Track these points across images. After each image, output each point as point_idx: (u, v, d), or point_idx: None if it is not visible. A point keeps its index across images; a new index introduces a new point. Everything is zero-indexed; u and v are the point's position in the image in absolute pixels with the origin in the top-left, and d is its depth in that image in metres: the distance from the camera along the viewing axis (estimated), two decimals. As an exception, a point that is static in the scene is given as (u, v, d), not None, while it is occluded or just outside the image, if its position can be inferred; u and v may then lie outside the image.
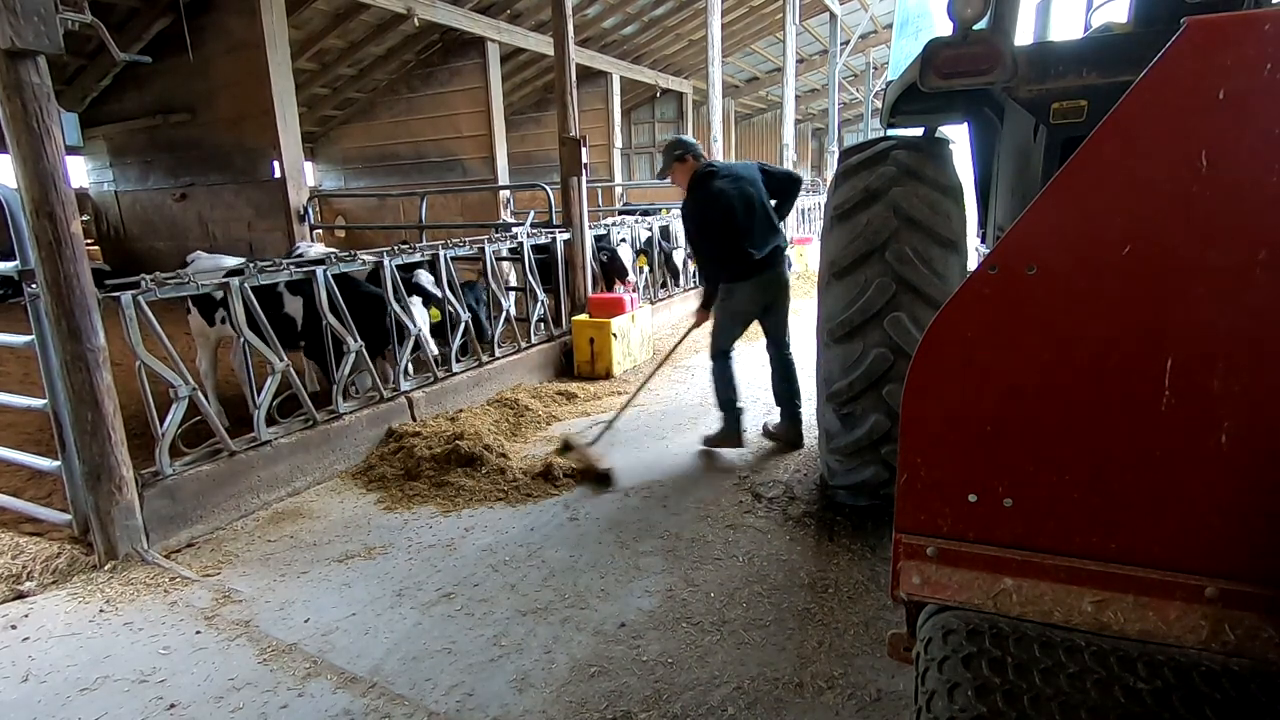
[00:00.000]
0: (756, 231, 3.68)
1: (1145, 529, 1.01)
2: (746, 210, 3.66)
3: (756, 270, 3.70)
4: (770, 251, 3.72)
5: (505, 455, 3.84)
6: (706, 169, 3.74)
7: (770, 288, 3.81)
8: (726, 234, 3.67)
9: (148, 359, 3.00)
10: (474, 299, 4.84)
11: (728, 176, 3.70)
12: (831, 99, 14.71)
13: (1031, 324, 1.02)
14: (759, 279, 3.74)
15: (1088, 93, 2.21)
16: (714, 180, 3.68)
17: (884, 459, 2.64)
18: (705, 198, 3.67)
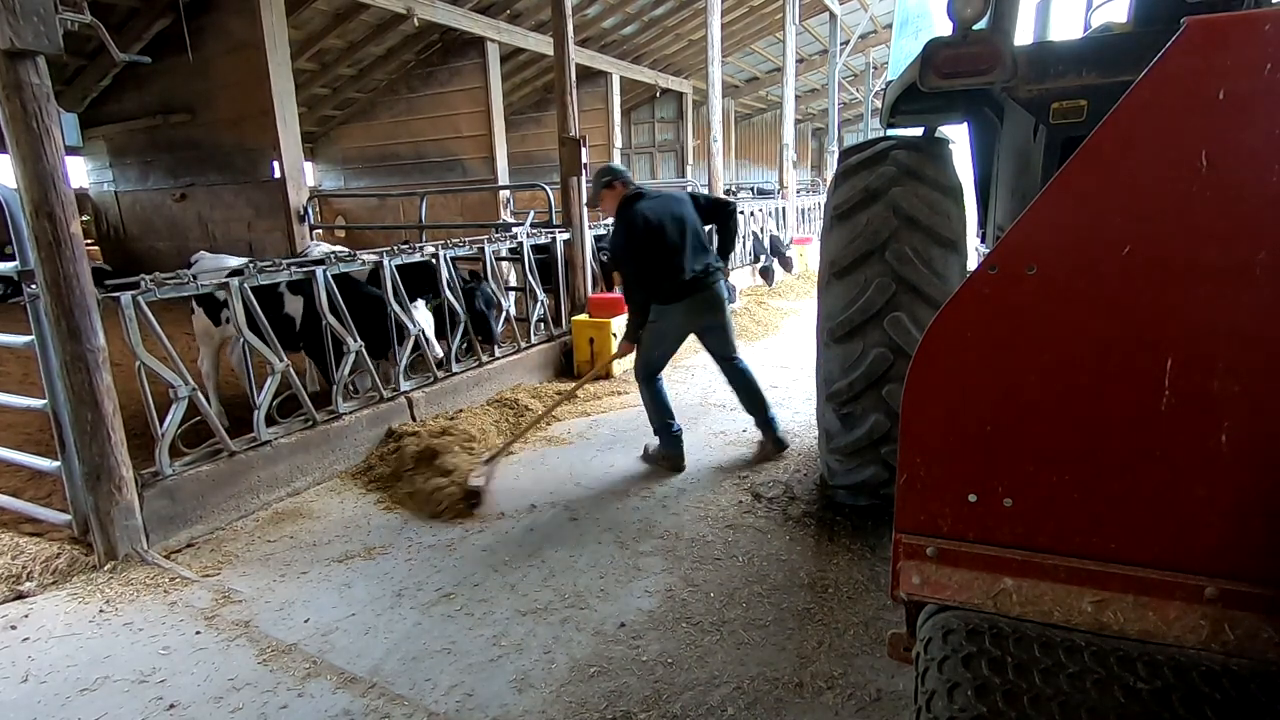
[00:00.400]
0: (687, 250, 3.61)
1: (1145, 529, 1.01)
2: (677, 229, 3.60)
3: (688, 291, 3.60)
4: (702, 270, 3.63)
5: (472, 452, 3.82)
6: (634, 193, 3.70)
7: (704, 307, 3.69)
8: (656, 254, 3.58)
9: (147, 359, 3.00)
10: (484, 302, 4.80)
11: (656, 199, 3.67)
12: (831, 99, 14.71)
13: (1031, 324, 1.02)
14: (691, 300, 3.63)
15: (1087, 93, 2.21)
16: (641, 202, 3.63)
17: (884, 459, 2.64)
18: (633, 218, 3.59)
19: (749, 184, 18.27)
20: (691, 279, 3.60)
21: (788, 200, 11.90)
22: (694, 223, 3.67)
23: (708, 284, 3.67)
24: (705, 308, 3.69)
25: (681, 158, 17.06)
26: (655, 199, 3.67)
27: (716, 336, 3.83)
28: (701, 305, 3.67)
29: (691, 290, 3.61)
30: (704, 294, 3.66)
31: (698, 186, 10.32)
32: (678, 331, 3.74)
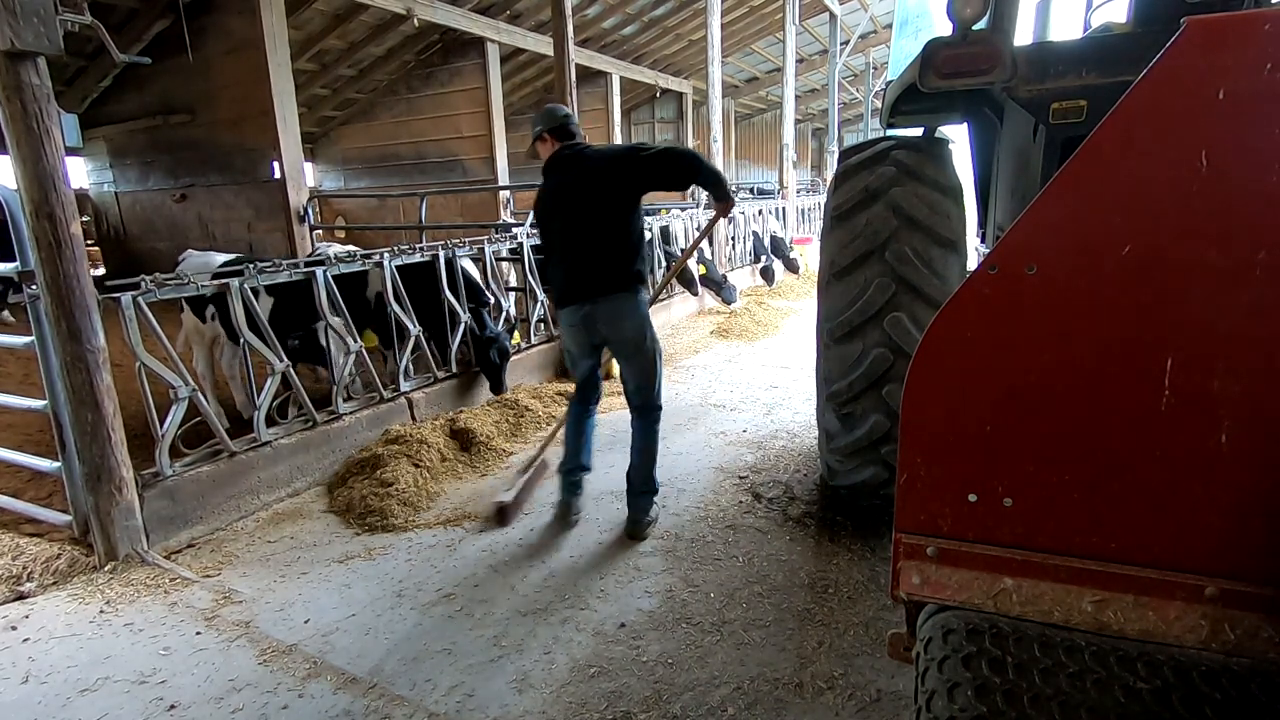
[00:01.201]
0: (585, 245, 2.90)
1: (1145, 529, 1.01)
2: (581, 213, 2.90)
3: (574, 297, 2.94)
4: (600, 273, 2.89)
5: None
6: (558, 154, 2.97)
7: (591, 322, 2.95)
8: (551, 238, 3.05)
9: (148, 360, 3.00)
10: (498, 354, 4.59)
11: (577, 167, 2.93)
12: (831, 99, 14.71)
13: (1031, 324, 1.02)
14: (576, 309, 2.95)
15: (1087, 93, 2.21)
16: (559, 167, 2.97)
17: (884, 459, 2.64)
18: (542, 188, 3.04)
19: (749, 184, 18.27)
20: (581, 281, 2.91)
21: (788, 200, 11.90)
22: (611, 208, 2.88)
23: (603, 292, 2.90)
24: (594, 322, 2.95)
25: (681, 158, 17.02)
26: (573, 170, 2.93)
27: (624, 363, 3.06)
28: (589, 319, 2.95)
29: (579, 295, 2.92)
30: (594, 306, 2.92)
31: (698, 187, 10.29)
32: (571, 339, 3.09)
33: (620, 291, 2.91)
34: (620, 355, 3.06)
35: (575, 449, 3.21)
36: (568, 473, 3.20)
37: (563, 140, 2.98)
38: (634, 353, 3.00)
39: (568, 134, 2.99)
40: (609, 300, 2.91)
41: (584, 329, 2.99)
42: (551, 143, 2.98)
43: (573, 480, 3.21)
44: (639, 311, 2.96)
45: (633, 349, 3.00)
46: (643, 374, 3.03)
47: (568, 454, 3.21)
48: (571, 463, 3.20)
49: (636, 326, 2.96)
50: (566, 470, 3.20)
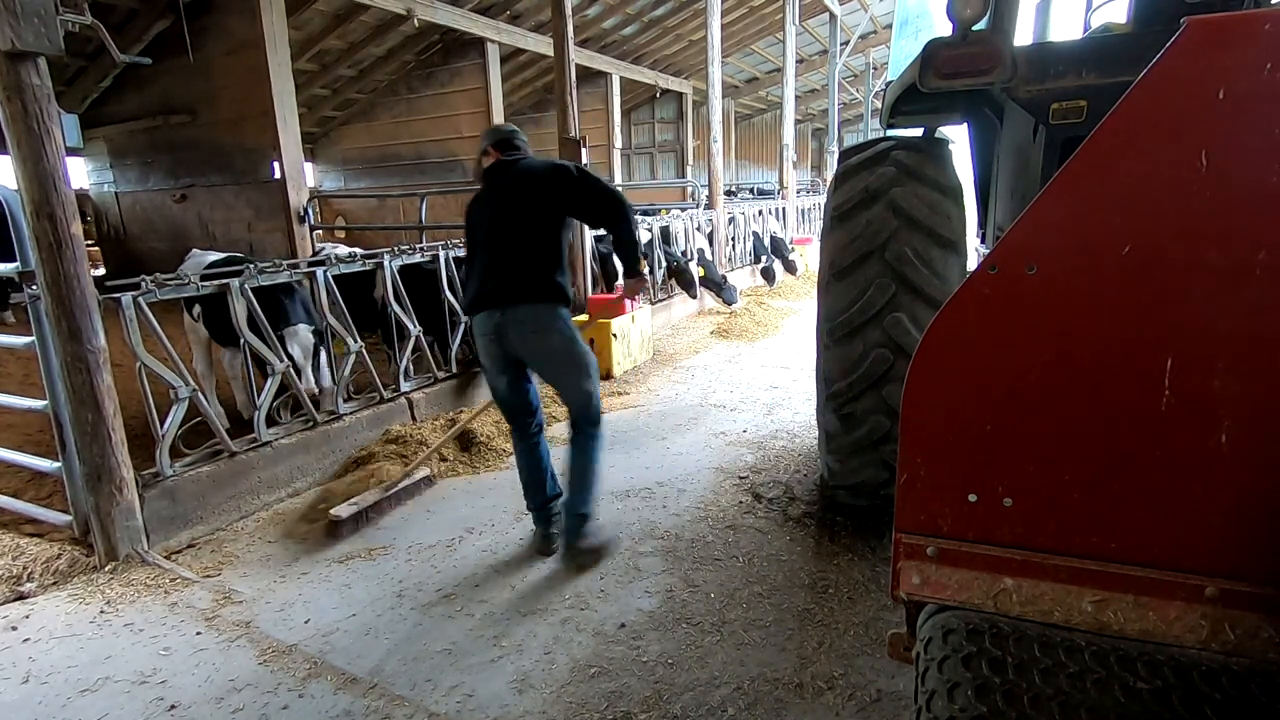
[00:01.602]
0: (503, 249, 2.76)
1: (1145, 529, 1.01)
2: (498, 219, 2.78)
3: (485, 302, 2.76)
4: (513, 283, 2.71)
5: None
6: (496, 163, 2.90)
7: (502, 333, 2.75)
8: (469, 245, 2.93)
9: (148, 360, 3.00)
10: None
11: (507, 175, 2.84)
12: (831, 99, 14.71)
13: (1031, 324, 1.02)
14: (487, 317, 2.76)
15: (1087, 93, 2.21)
16: (488, 178, 2.90)
17: (884, 459, 2.64)
18: (473, 198, 2.94)
19: (749, 184, 18.29)
20: (494, 286, 2.73)
21: (788, 200, 11.90)
22: (535, 216, 2.76)
23: (516, 300, 2.72)
24: (508, 332, 2.75)
25: (681, 158, 17.06)
26: (510, 173, 2.83)
27: (551, 381, 2.91)
28: (501, 329, 2.75)
29: (489, 301, 2.75)
30: (505, 314, 2.73)
31: (698, 187, 10.33)
32: (484, 352, 2.86)
33: (535, 302, 2.73)
34: (543, 372, 2.89)
35: (533, 483, 2.97)
36: (537, 509, 2.99)
37: (504, 153, 2.90)
38: (559, 367, 2.81)
39: (510, 147, 2.92)
40: (522, 309, 2.72)
41: (495, 340, 2.77)
42: (494, 155, 2.91)
43: (544, 515, 2.98)
44: (557, 324, 2.76)
45: (557, 363, 2.81)
46: (573, 389, 2.84)
47: (526, 490, 2.99)
48: (536, 498, 2.97)
49: (556, 340, 2.76)
50: (534, 507, 2.99)
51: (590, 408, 2.85)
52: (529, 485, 2.99)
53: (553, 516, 2.97)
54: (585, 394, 2.84)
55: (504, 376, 2.87)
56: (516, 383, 2.91)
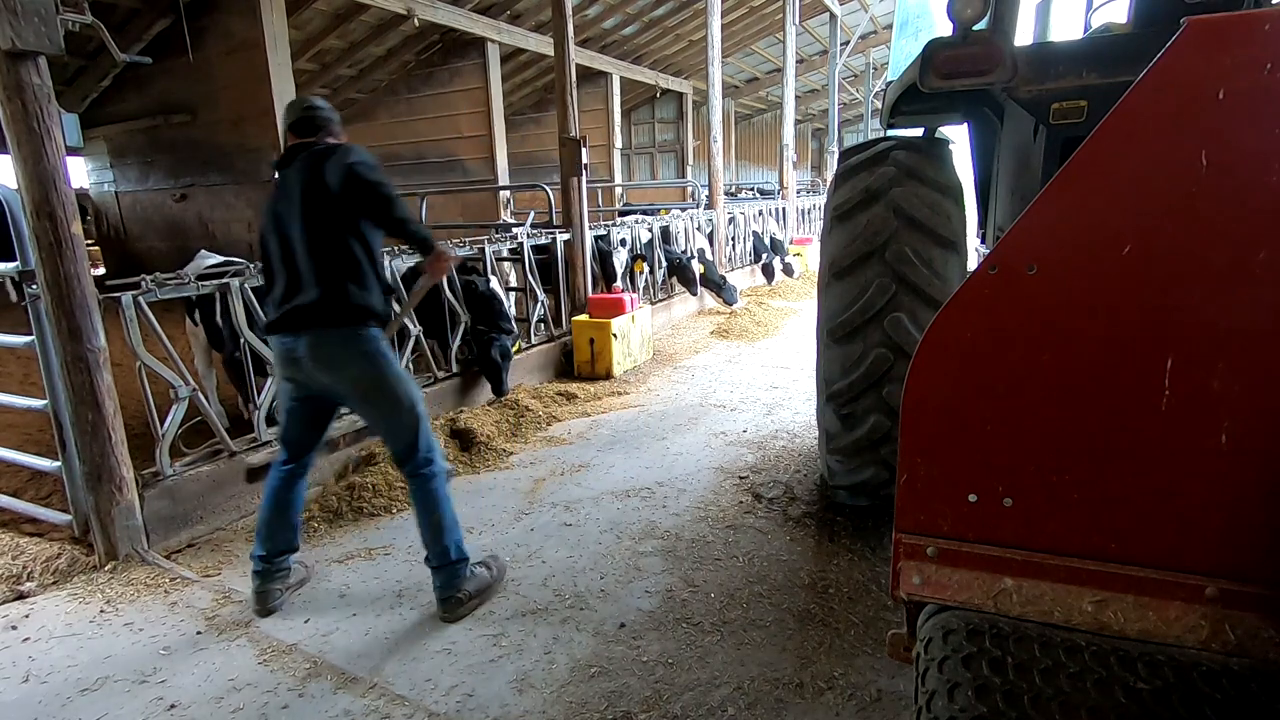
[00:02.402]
0: (295, 259, 2.35)
1: (1145, 529, 1.01)
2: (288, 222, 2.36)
3: (277, 328, 2.40)
4: (308, 303, 2.32)
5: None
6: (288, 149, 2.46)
7: (296, 361, 2.38)
8: (262, 249, 2.49)
9: (148, 359, 3.00)
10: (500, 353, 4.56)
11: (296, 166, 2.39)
12: (831, 99, 14.71)
13: (1031, 324, 1.02)
14: (278, 341, 2.42)
15: (1087, 93, 2.21)
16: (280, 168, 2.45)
17: (884, 459, 2.64)
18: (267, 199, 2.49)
19: (749, 184, 18.28)
20: (288, 305, 2.35)
21: (788, 201, 11.91)
22: (326, 219, 2.33)
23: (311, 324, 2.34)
24: (303, 360, 2.37)
25: (682, 158, 17.07)
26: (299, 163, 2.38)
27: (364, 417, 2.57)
28: (294, 355, 2.38)
29: (284, 324, 2.37)
30: (300, 340, 2.35)
31: (698, 187, 10.33)
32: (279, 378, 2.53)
33: (335, 325, 2.34)
34: (354, 407, 2.53)
35: (274, 530, 2.53)
36: (263, 560, 2.52)
37: (300, 134, 2.47)
38: (368, 401, 2.45)
39: (310, 127, 2.46)
40: (319, 334, 2.34)
41: (291, 366, 2.41)
42: (290, 138, 2.49)
43: (268, 569, 2.53)
44: (364, 349, 2.37)
45: (365, 395, 2.43)
46: (389, 426, 2.47)
47: (264, 537, 2.53)
48: (270, 549, 2.52)
49: (363, 370, 2.38)
50: (262, 556, 2.52)
51: (416, 445, 2.46)
52: (265, 527, 2.53)
53: (277, 572, 2.56)
54: (405, 429, 2.45)
55: (294, 405, 2.52)
56: (308, 417, 2.55)
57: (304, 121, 2.47)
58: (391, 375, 2.44)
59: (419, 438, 2.48)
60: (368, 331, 2.40)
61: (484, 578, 2.62)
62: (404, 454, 2.48)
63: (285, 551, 2.59)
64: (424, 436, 2.49)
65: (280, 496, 2.56)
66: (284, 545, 2.57)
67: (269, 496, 2.55)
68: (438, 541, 2.50)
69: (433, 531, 2.50)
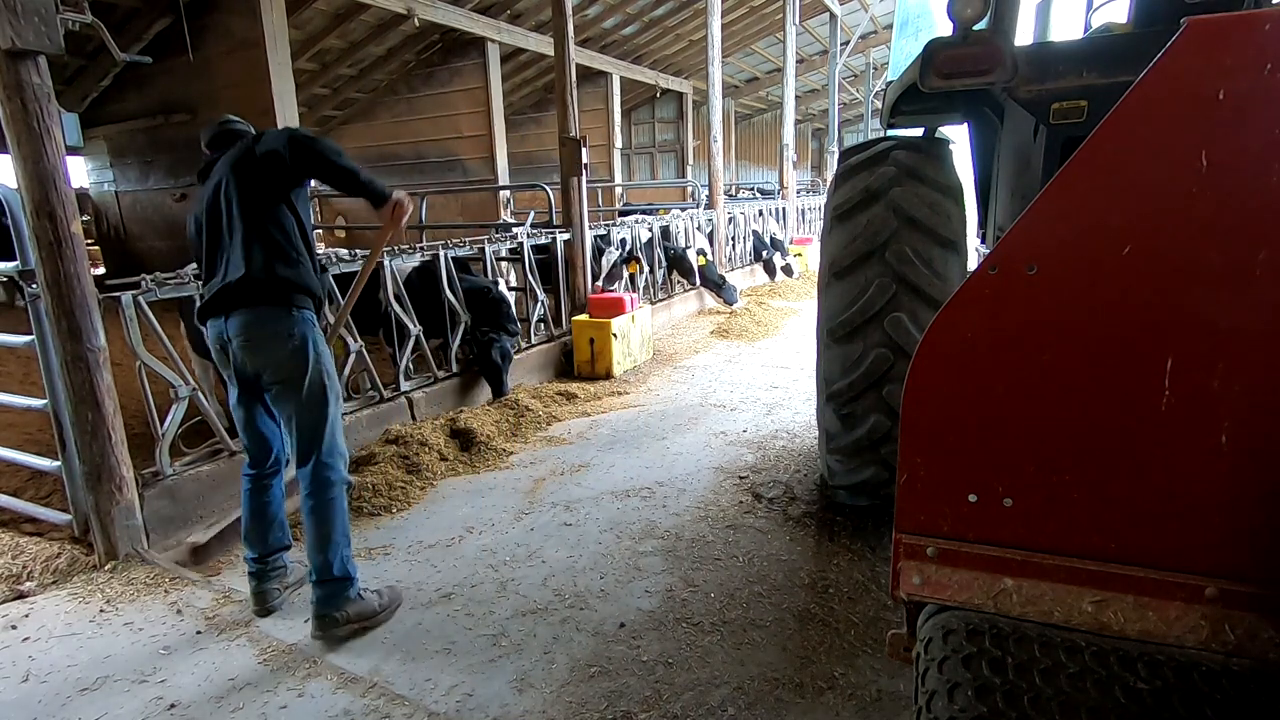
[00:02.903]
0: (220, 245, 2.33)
1: (1145, 529, 1.01)
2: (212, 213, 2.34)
3: (206, 312, 2.35)
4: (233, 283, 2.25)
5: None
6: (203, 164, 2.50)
7: (231, 348, 2.32)
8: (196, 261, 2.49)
9: (148, 359, 3.00)
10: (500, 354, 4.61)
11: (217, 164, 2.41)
12: (831, 99, 14.71)
13: (1032, 324, 1.02)
14: (212, 329, 2.36)
15: (1088, 93, 2.21)
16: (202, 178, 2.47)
17: (884, 459, 2.64)
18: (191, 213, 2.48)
19: (749, 184, 18.29)
20: (214, 290, 2.30)
21: (788, 201, 11.91)
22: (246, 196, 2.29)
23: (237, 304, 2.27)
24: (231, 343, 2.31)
25: (682, 158, 17.07)
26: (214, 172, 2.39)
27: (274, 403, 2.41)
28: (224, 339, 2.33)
29: (211, 308, 2.32)
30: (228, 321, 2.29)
31: (698, 187, 10.34)
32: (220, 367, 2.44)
33: (260, 304, 2.26)
34: (269, 392, 2.37)
35: (256, 532, 2.50)
36: (255, 561, 2.51)
37: (215, 149, 2.48)
38: (284, 388, 2.30)
39: (223, 142, 2.47)
40: (243, 315, 2.26)
41: (222, 352, 2.36)
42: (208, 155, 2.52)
43: (262, 569, 2.52)
44: (290, 331, 2.27)
45: (283, 381, 2.30)
46: (297, 420, 2.32)
47: (248, 540, 2.52)
48: (258, 549, 2.51)
49: (288, 350, 2.27)
50: (254, 558, 2.52)
51: (320, 446, 2.32)
52: (251, 532, 2.51)
53: (273, 571, 2.54)
54: (311, 428, 2.31)
55: (237, 392, 2.43)
56: (256, 413, 2.46)
57: (221, 136, 2.51)
58: (315, 366, 2.32)
59: (324, 440, 2.34)
60: (298, 313, 2.31)
61: (370, 604, 2.44)
62: (304, 454, 2.34)
63: (278, 550, 2.57)
64: (329, 439, 2.35)
65: (255, 500, 2.52)
66: (275, 544, 2.56)
67: (245, 502, 2.53)
68: (322, 553, 2.34)
69: (319, 543, 2.34)
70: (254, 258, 2.25)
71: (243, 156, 2.32)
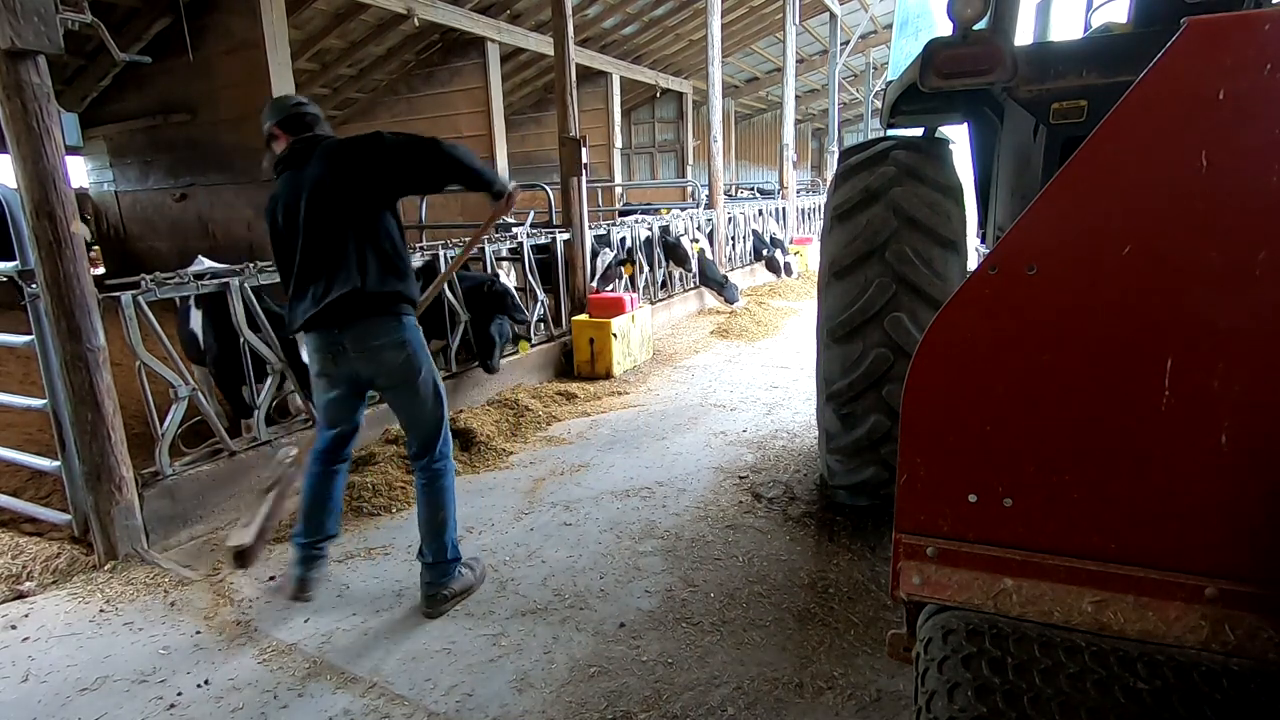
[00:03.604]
0: (325, 255, 2.35)
1: (1145, 529, 1.01)
2: (312, 219, 2.35)
3: (317, 323, 2.40)
4: (346, 296, 2.32)
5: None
6: (289, 149, 2.44)
7: (341, 353, 2.42)
8: (280, 254, 2.49)
9: (148, 359, 3.00)
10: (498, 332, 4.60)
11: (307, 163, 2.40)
12: (831, 99, 14.70)
13: (1032, 324, 1.02)
14: (322, 337, 2.42)
15: (1088, 93, 2.21)
16: (285, 168, 2.45)
17: (884, 459, 2.64)
18: (272, 196, 2.48)
19: (749, 184, 18.29)
20: (325, 310, 2.35)
21: (788, 200, 11.92)
22: (355, 206, 2.36)
23: (353, 317, 2.36)
24: (348, 352, 2.41)
25: (682, 158, 17.07)
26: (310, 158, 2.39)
27: (398, 407, 2.56)
28: (339, 347, 2.41)
29: (322, 323, 2.39)
30: (344, 333, 2.39)
31: (698, 187, 10.34)
32: (321, 373, 2.50)
33: (375, 315, 2.38)
34: (388, 395, 2.54)
35: (315, 517, 2.56)
36: (305, 545, 2.55)
37: (296, 133, 2.45)
38: (402, 390, 2.48)
39: (301, 124, 2.46)
40: (361, 325, 2.38)
41: (333, 359, 2.43)
42: (284, 138, 2.46)
43: (310, 554, 2.56)
44: (402, 339, 2.41)
45: (400, 384, 2.47)
46: (415, 418, 2.51)
47: (306, 522, 2.56)
48: (312, 534, 2.56)
49: (402, 358, 2.43)
50: (304, 543, 2.55)
51: (438, 437, 2.54)
52: (311, 515, 2.56)
53: (318, 557, 2.59)
54: (431, 422, 2.51)
55: (336, 392, 2.52)
56: (349, 401, 2.56)
57: (296, 119, 2.47)
58: (426, 367, 2.50)
59: (440, 434, 2.56)
60: (405, 319, 2.45)
61: (468, 578, 2.66)
62: (424, 447, 2.55)
63: (328, 538, 2.63)
64: (444, 432, 2.58)
65: (322, 487, 2.59)
66: (328, 531, 2.62)
67: (310, 484, 2.58)
68: (437, 538, 2.55)
69: (435, 528, 2.55)
70: (369, 272, 2.35)
71: (335, 170, 2.34)
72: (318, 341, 2.45)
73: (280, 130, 2.47)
